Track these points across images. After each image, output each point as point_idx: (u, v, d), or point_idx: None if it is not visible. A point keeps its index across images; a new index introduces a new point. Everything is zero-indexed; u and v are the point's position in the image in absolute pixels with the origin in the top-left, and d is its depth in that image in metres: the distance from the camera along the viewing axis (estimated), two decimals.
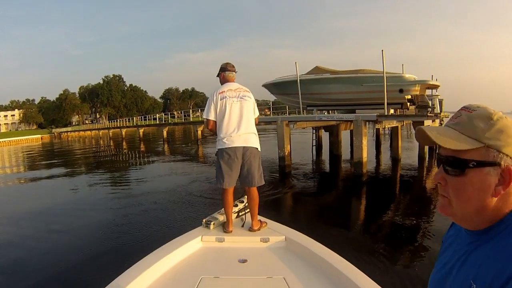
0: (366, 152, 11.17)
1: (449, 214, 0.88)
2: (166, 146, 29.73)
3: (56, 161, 23.00)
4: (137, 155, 24.16)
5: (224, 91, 3.57)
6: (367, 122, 11.55)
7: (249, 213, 3.62)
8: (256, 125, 3.74)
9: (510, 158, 0.79)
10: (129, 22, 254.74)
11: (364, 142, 11.02)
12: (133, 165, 18.91)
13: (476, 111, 0.84)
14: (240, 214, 3.76)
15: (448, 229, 1.06)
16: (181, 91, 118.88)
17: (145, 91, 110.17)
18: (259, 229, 3.42)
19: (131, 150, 28.90)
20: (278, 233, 3.30)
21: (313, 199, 9.24)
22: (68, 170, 17.71)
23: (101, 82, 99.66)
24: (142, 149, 28.79)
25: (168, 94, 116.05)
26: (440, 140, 0.84)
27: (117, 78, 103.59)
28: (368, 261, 4.94)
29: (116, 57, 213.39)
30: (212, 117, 3.58)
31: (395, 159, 15.19)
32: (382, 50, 11.34)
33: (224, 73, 3.71)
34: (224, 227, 3.46)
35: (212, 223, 3.45)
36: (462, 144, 0.82)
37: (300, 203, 8.88)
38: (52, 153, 31.40)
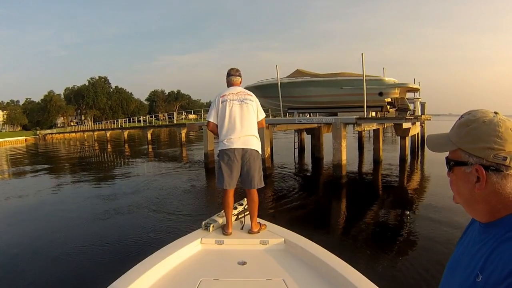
0: (345, 155, 11.22)
1: (456, 203, 0.99)
2: (150, 149, 29.56)
3: (40, 163, 22.51)
4: (121, 158, 23.97)
5: (226, 95, 3.68)
6: (346, 125, 11.62)
7: (248, 216, 3.65)
8: (263, 127, 3.88)
9: (478, 157, 0.88)
10: (115, 23, 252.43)
11: (343, 144, 11.07)
12: (118, 168, 18.73)
13: (463, 117, 0.95)
14: (239, 216, 3.77)
15: (470, 221, 1.12)
16: (167, 93, 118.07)
17: (131, 93, 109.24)
18: (259, 231, 3.43)
19: (116, 152, 28.61)
20: (277, 236, 3.31)
21: (292, 201, 9.19)
22: (53, 173, 17.44)
23: (87, 83, 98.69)
24: (126, 152, 28.55)
25: (154, 97, 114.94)
26: (428, 144, 1.02)
27: (103, 80, 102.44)
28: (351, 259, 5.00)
29: (102, 59, 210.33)
30: (212, 119, 3.70)
31: (376, 161, 15.30)
32: (362, 54, 11.44)
33: (229, 77, 3.84)
34: (224, 229, 3.48)
35: (211, 225, 3.46)
36: (443, 147, 0.98)
37: (279, 205, 8.86)
38: (36, 155, 30.90)
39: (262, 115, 3.82)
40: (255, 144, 3.64)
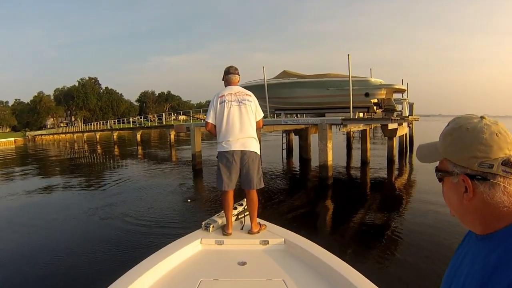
0: (331, 156, 11.23)
1: (452, 215, 0.94)
2: (139, 150, 29.26)
3: (28, 165, 22.26)
4: (110, 160, 23.76)
5: (224, 95, 3.62)
6: (332, 126, 11.63)
7: (248, 216, 3.67)
8: (260, 127, 3.88)
9: (463, 167, 0.85)
10: (106, 23, 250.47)
11: (329, 145, 11.07)
12: (105, 170, 18.57)
13: (448, 126, 0.91)
14: (239, 216, 3.80)
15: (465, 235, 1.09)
16: (157, 94, 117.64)
17: (121, 94, 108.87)
18: (259, 232, 3.44)
19: (105, 154, 28.39)
20: (277, 236, 3.33)
21: (277, 202, 9.20)
22: (41, 175, 17.20)
23: (77, 84, 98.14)
24: (116, 154, 28.28)
25: (144, 98, 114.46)
26: (417, 155, 1.01)
27: (93, 80, 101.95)
28: None
29: (92, 59, 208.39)
30: (211, 120, 3.66)
31: (364, 162, 15.34)
32: (348, 55, 11.43)
33: (227, 76, 3.76)
34: (224, 229, 3.48)
35: (211, 225, 3.48)
36: (430, 158, 0.96)
37: (264, 205, 8.84)
38: (25, 157, 30.55)
39: (260, 115, 3.80)
40: (254, 146, 3.64)
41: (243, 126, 3.58)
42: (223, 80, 3.84)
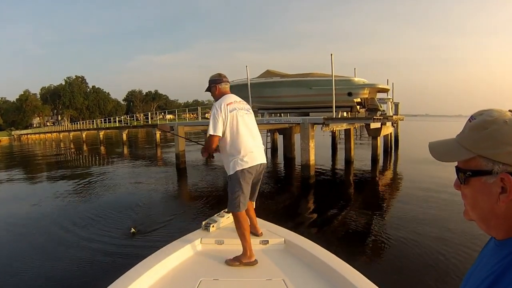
0: (314, 155, 11.27)
1: (469, 219, 0.88)
2: (125, 150, 28.98)
3: (13, 166, 22.08)
4: (95, 160, 23.45)
5: (232, 103, 3.16)
6: (314, 125, 11.64)
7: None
8: None
9: (505, 164, 0.75)
10: (92, 22, 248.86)
11: (311, 144, 11.10)
12: (89, 172, 18.30)
13: (476, 119, 0.82)
14: None
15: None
16: (145, 93, 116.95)
17: (108, 93, 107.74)
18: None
19: (90, 154, 28.01)
20: (277, 236, 3.34)
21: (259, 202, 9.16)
22: (29, 177, 17.07)
23: (63, 83, 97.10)
24: (101, 154, 27.95)
25: (131, 97, 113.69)
26: (433, 153, 0.89)
27: (80, 79, 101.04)
28: None
29: (79, 58, 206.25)
30: (219, 132, 3.07)
31: (348, 161, 15.40)
32: (331, 54, 11.51)
33: (220, 85, 3.29)
34: (247, 257, 2.95)
35: (211, 225, 3.47)
36: (454, 156, 0.84)
37: None
38: (11, 157, 30.17)
39: None
40: (265, 156, 3.32)
41: (258, 136, 3.27)
42: (209, 90, 3.39)
